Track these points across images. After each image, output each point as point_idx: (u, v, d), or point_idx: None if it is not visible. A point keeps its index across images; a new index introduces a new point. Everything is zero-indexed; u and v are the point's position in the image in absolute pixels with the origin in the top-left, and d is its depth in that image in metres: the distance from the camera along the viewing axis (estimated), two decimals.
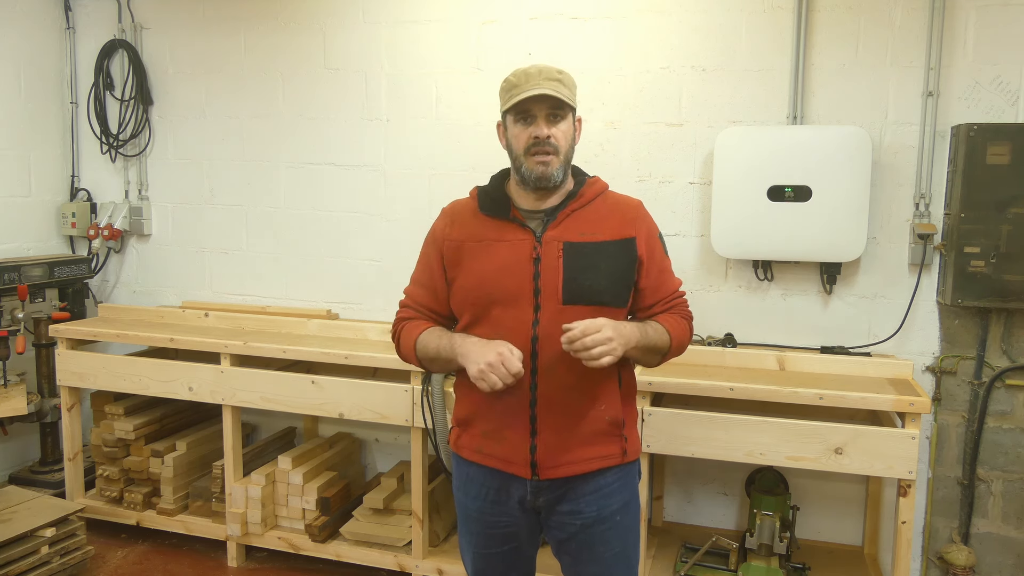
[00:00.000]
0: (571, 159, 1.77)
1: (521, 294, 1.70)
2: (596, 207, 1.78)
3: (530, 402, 1.72)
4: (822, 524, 3.08)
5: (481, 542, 1.86)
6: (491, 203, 1.79)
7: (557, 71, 1.70)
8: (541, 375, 1.71)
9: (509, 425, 1.75)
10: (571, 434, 1.74)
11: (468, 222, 1.80)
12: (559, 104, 1.69)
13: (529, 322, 1.70)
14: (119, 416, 3.33)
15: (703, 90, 3.02)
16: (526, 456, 1.74)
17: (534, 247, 1.72)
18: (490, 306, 1.72)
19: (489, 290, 1.73)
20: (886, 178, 2.86)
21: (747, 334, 3.05)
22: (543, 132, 1.69)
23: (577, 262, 1.70)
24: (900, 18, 2.81)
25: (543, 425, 1.72)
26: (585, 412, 1.75)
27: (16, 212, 3.70)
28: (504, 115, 1.76)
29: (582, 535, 1.79)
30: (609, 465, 1.78)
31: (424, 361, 1.82)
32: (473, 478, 1.84)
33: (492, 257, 1.74)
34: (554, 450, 1.73)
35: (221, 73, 3.66)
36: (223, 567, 3.16)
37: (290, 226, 3.63)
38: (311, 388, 2.97)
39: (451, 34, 3.30)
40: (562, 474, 1.74)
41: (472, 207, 1.82)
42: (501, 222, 1.77)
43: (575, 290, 1.69)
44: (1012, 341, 2.81)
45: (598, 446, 1.77)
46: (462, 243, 1.79)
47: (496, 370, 1.60)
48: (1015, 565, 2.88)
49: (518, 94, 1.68)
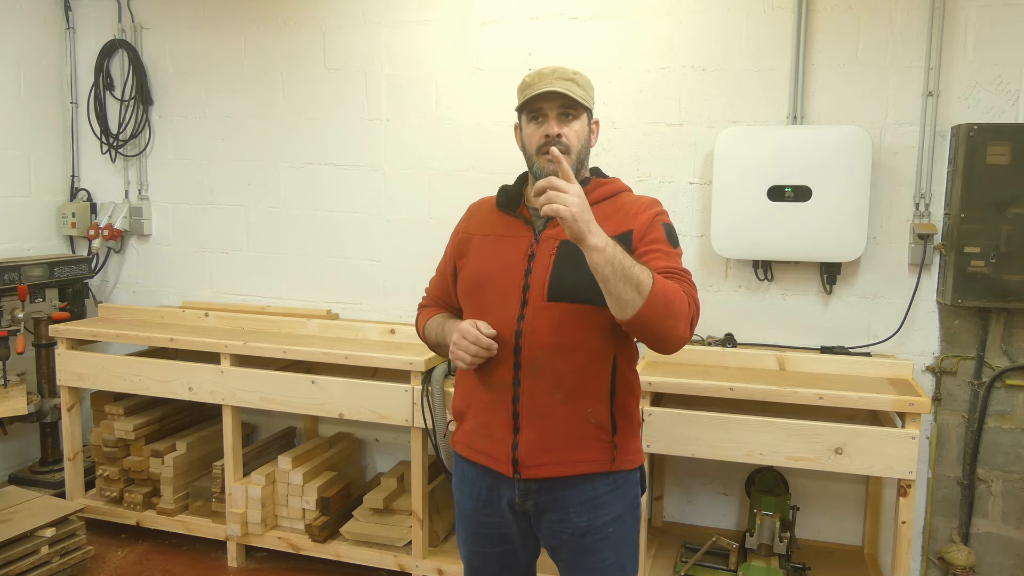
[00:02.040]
0: (585, 160, 1.77)
1: (510, 289, 1.72)
2: (603, 208, 1.73)
3: (512, 398, 1.71)
4: (822, 524, 3.08)
5: (475, 541, 1.86)
6: (506, 200, 1.82)
7: (572, 72, 1.71)
8: (524, 370, 1.70)
9: (494, 420, 1.75)
10: (553, 433, 1.71)
11: (484, 217, 1.86)
12: (571, 104, 1.70)
13: (514, 316, 1.70)
14: (119, 416, 3.33)
15: (703, 90, 3.02)
16: (508, 453, 1.72)
17: (531, 244, 1.74)
18: (482, 299, 1.75)
19: (483, 283, 1.76)
20: (886, 178, 2.86)
21: (747, 334, 3.05)
22: (553, 130, 1.69)
23: (568, 260, 1.69)
24: (900, 18, 2.81)
25: (525, 422, 1.71)
26: (568, 412, 1.71)
27: (16, 212, 3.70)
28: (519, 116, 1.77)
29: (573, 544, 1.77)
30: (595, 471, 1.74)
31: (431, 347, 1.92)
32: (466, 476, 1.85)
33: (493, 252, 1.78)
34: (536, 449, 1.71)
35: (221, 73, 3.66)
36: (223, 567, 3.16)
37: (290, 226, 3.63)
38: (311, 388, 2.97)
39: (451, 34, 3.30)
40: (544, 474, 1.71)
41: (491, 204, 1.86)
42: (511, 219, 1.80)
43: (560, 287, 1.68)
44: (1012, 341, 2.81)
45: (582, 450, 1.72)
46: (472, 236, 1.84)
47: (459, 344, 1.68)
48: (1015, 565, 2.88)
49: (530, 93, 1.69)
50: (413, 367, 2.82)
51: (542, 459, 1.72)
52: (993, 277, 2.66)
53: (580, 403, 1.71)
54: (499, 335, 1.70)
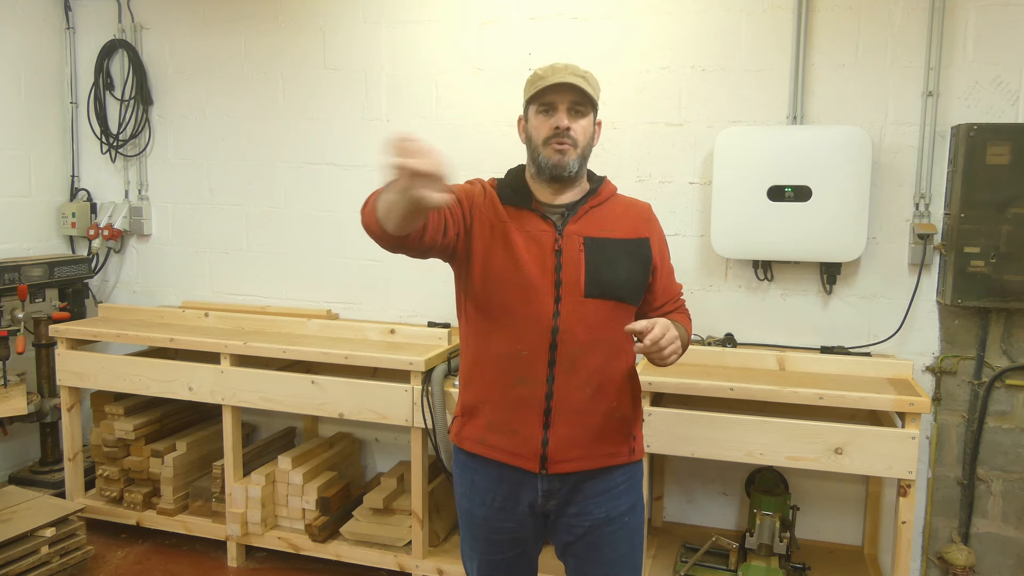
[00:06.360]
0: (588, 157, 1.78)
1: (542, 285, 1.70)
2: (611, 206, 1.81)
3: (546, 394, 1.71)
4: (822, 524, 3.08)
5: (486, 548, 1.84)
6: (512, 193, 1.79)
7: (583, 70, 1.73)
8: (559, 367, 1.70)
9: (519, 417, 1.73)
10: (585, 429, 1.74)
11: (494, 205, 1.78)
12: (582, 100, 1.72)
13: (550, 313, 1.70)
14: (119, 416, 3.33)
15: (703, 90, 3.02)
16: (536, 449, 1.72)
17: (555, 239, 1.73)
18: (509, 295, 1.71)
19: (509, 278, 1.72)
20: (886, 178, 2.86)
21: (747, 334, 3.05)
22: (563, 122, 1.70)
23: (598, 256, 1.72)
24: (900, 18, 2.81)
25: (557, 418, 1.72)
26: (599, 407, 1.75)
27: (16, 212, 3.70)
28: (526, 107, 1.77)
29: (589, 537, 1.78)
30: (617, 463, 1.78)
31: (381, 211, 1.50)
32: (478, 484, 1.81)
33: (513, 245, 1.73)
34: (566, 444, 1.73)
35: (221, 73, 3.66)
36: (223, 567, 3.16)
37: (290, 226, 3.63)
38: (311, 388, 2.97)
39: (451, 34, 3.30)
40: (571, 469, 1.74)
41: (491, 192, 1.81)
42: (522, 212, 1.76)
43: (597, 284, 1.71)
44: (1012, 341, 2.81)
45: (608, 444, 1.77)
46: (490, 221, 1.75)
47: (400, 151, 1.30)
48: (1015, 565, 2.88)
49: (544, 84, 1.70)
50: (413, 367, 2.82)
51: (571, 454, 1.74)
52: (993, 277, 2.66)
53: (607, 397, 1.76)
54: (532, 331, 1.70)
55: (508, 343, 1.71)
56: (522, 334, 1.70)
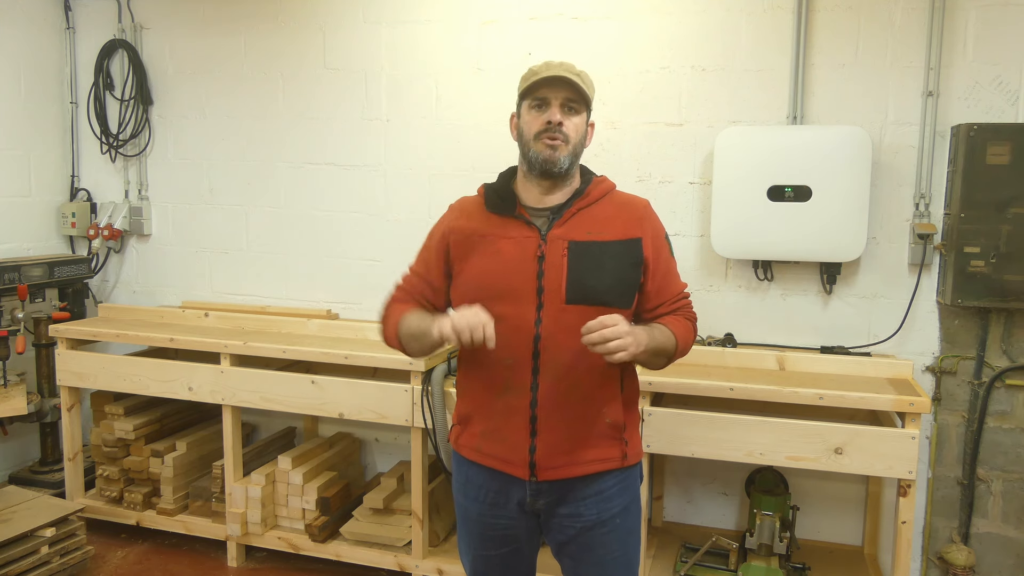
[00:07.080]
0: (580, 155, 1.77)
1: (524, 292, 1.69)
2: (602, 206, 1.77)
3: (531, 402, 1.71)
4: (822, 524, 3.08)
5: (480, 544, 1.86)
6: (497, 200, 1.78)
7: (578, 69, 1.73)
8: (543, 375, 1.70)
9: (508, 425, 1.74)
10: (571, 436, 1.73)
11: (475, 216, 1.79)
12: (575, 97, 1.71)
13: (532, 320, 1.69)
14: (119, 416, 3.33)
15: (703, 90, 3.02)
16: (525, 457, 1.73)
17: (539, 245, 1.71)
18: (492, 303, 1.68)
19: (492, 286, 1.71)
20: (886, 178, 2.86)
21: (747, 334, 3.05)
22: (556, 117, 1.69)
23: (582, 261, 1.69)
24: (900, 18, 2.81)
25: (543, 426, 1.72)
26: (586, 414, 1.74)
27: (16, 212, 3.70)
28: (519, 103, 1.77)
29: (582, 538, 1.79)
30: (609, 469, 1.77)
31: (404, 338, 1.77)
32: (472, 480, 1.84)
33: (496, 253, 1.73)
34: (554, 451, 1.72)
35: (221, 73, 3.66)
36: (223, 567, 3.16)
37: (290, 226, 3.63)
38: (311, 388, 2.97)
39: (451, 34, 3.30)
40: (561, 476, 1.74)
41: (479, 203, 1.81)
42: (507, 219, 1.75)
43: (579, 290, 1.68)
44: (1012, 341, 2.81)
45: (598, 449, 1.76)
46: (469, 236, 1.77)
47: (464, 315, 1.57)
48: (1015, 565, 2.88)
49: (537, 78, 1.70)
50: (413, 367, 2.81)
51: (559, 461, 1.73)
52: (993, 277, 2.66)
53: (596, 404, 1.74)
54: (516, 339, 1.68)
55: (495, 352, 1.68)
56: (507, 342, 1.67)
